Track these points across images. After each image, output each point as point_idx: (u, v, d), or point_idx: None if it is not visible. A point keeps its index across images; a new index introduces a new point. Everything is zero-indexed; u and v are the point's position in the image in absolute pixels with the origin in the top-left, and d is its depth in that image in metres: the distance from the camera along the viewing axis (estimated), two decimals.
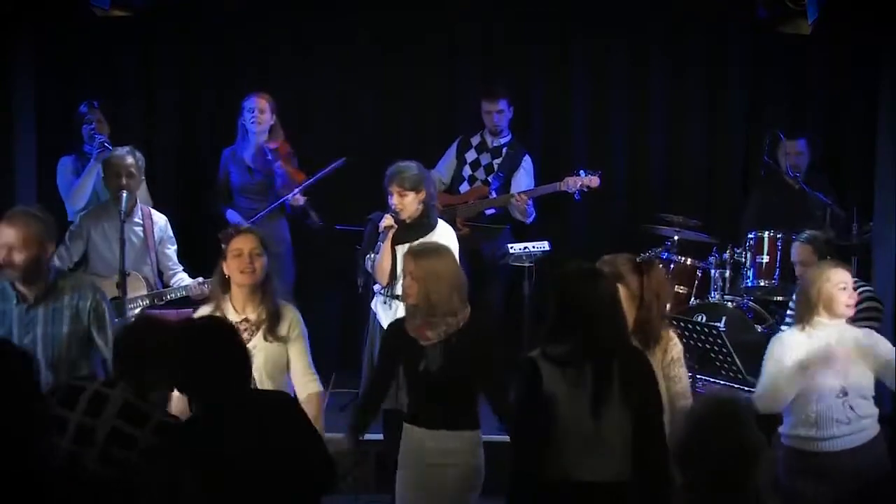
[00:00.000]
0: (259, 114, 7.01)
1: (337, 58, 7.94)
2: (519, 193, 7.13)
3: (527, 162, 7.39)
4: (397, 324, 4.74)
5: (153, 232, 6.25)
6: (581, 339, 3.92)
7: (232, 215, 6.95)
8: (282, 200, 6.95)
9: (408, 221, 5.82)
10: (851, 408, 4.86)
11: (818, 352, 4.89)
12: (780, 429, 5.04)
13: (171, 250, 6.33)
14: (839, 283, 4.92)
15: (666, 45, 8.02)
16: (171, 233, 6.35)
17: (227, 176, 7.14)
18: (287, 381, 4.80)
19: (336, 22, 7.89)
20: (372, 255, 5.90)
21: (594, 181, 7.07)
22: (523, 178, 7.35)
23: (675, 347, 4.48)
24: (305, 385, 4.78)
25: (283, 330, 4.73)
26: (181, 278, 6.23)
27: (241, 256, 4.70)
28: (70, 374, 4.70)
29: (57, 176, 6.95)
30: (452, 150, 7.50)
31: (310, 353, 4.86)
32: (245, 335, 4.54)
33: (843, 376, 4.87)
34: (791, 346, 4.95)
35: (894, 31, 6.29)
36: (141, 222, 6.25)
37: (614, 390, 3.89)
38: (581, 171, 7.10)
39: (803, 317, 4.98)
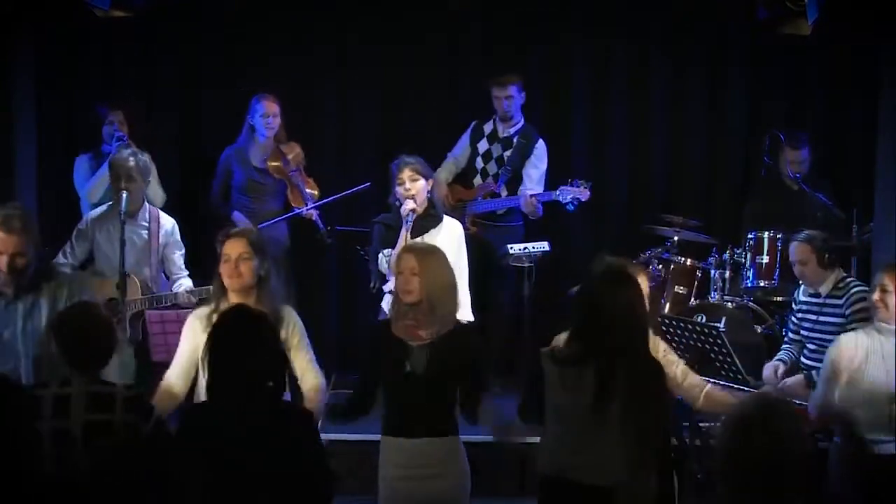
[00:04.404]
0: (273, 118, 7.07)
1: (337, 58, 7.94)
2: (530, 197, 7.10)
3: (539, 149, 7.31)
4: (382, 326, 4.63)
5: (159, 235, 6.25)
6: (589, 341, 3.95)
7: (238, 216, 6.96)
8: (295, 212, 6.98)
9: (417, 213, 5.82)
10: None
11: (866, 352, 4.87)
12: None
13: (178, 255, 6.31)
14: (879, 285, 4.94)
15: (666, 45, 8.02)
16: (178, 237, 6.34)
17: (228, 175, 7.16)
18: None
19: (336, 22, 7.89)
20: (385, 252, 5.87)
21: (584, 194, 7.00)
22: (532, 171, 7.31)
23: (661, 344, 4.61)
24: (307, 379, 4.76)
25: (282, 334, 4.70)
26: (180, 284, 6.22)
27: (228, 262, 4.70)
28: (50, 366, 4.76)
29: (74, 174, 7.02)
30: (466, 137, 7.48)
31: (310, 349, 4.84)
32: None
33: None
34: (841, 349, 4.94)
35: (894, 31, 6.28)
36: (147, 224, 6.25)
37: (617, 394, 3.89)
38: (576, 183, 7.05)
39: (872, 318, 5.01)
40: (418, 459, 4.41)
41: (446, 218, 5.95)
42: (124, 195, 6.02)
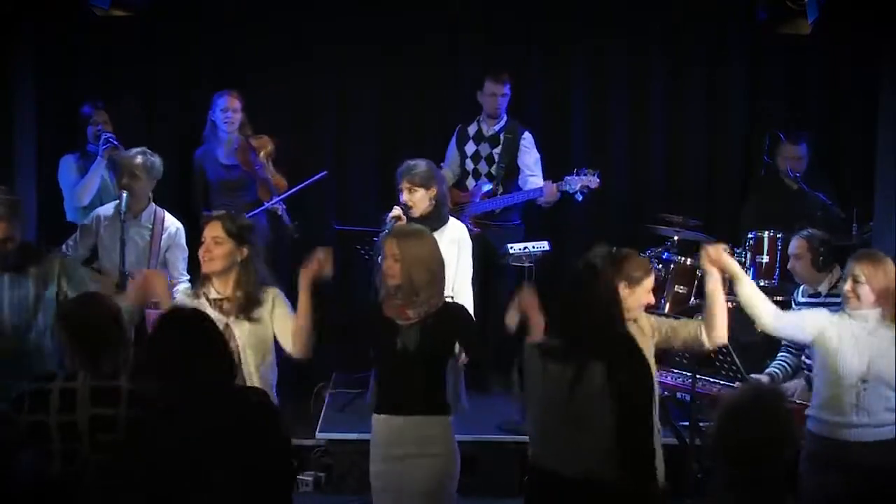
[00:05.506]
0: (232, 113, 7.10)
1: (337, 58, 7.94)
2: (552, 185, 7.12)
3: (526, 139, 7.38)
4: (375, 307, 4.71)
5: (161, 237, 6.24)
6: (569, 332, 3.98)
7: None
8: (264, 207, 6.99)
9: (418, 218, 5.82)
10: (865, 398, 4.82)
11: (839, 336, 4.89)
12: (807, 410, 5.02)
13: (180, 259, 6.27)
14: (851, 275, 4.95)
15: (666, 45, 8.02)
16: (182, 241, 6.30)
17: (202, 175, 7.20)
18: (273, 359, 4.82)
19: (336, 22, 7.89)
20: None
21: (593, 182, 7.07)
22: (527, 158, 7.35)
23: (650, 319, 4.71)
24: (290, 329, 4.77)
25: (263, 312, 4.73)
26: (178, 289, 6.19)
27: (204, 243, 4.76)
28: (31, 334, 4.93)
29: (59, 174, 7.01)
30: (453, 144, 7.53)
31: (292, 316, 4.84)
32: (223, 313, 4.63)
33: (868, 364, 4.83)
34: (821, 319, 4.98)
35: (894, 31, 6.29)
36: (150, 225, 6.24)
37: (595, 385, 3.89)
38: (583, 171, 7.09)
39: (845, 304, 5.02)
40: (410, 437, 4.49)
41: (451, 220, 5.95)
42: (124, 194, 6.04)
